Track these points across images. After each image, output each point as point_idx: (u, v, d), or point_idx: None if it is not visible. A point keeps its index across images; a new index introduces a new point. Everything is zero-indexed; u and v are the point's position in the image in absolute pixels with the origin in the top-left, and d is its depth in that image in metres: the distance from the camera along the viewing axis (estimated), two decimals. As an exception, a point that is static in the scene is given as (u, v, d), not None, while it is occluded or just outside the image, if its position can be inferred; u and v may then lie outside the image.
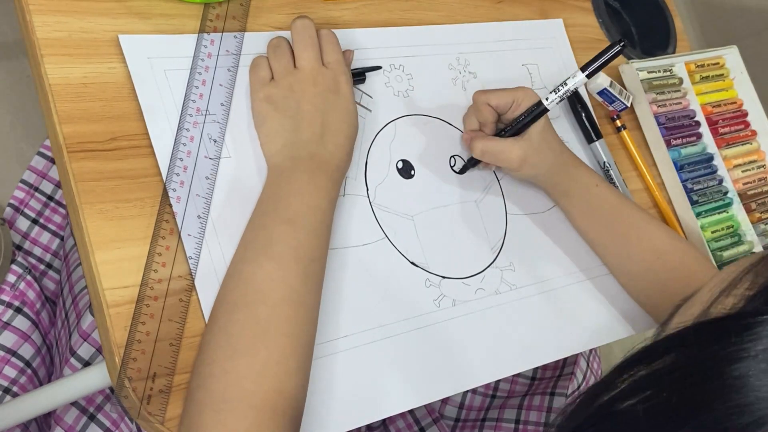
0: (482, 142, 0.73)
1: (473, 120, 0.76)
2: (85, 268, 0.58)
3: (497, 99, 0.73)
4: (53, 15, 0.61)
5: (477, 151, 0.73)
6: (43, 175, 0.94)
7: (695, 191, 0.91)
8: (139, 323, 0.57)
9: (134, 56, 0.63)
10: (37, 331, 0.86)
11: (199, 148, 0.63)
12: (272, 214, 0.61)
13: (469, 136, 0.75)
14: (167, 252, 0.59)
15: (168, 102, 0.63)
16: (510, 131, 0.74)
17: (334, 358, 0.64)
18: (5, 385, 0.81)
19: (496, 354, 0.71)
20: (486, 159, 0.74)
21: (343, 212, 0.69)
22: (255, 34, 0.69)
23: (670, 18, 1.02)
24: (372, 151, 0.73)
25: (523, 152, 0.72)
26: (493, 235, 0.76)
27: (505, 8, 0.87)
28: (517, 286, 0.75)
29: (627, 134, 0.90)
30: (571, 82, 0.71)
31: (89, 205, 0.58)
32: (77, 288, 0.83)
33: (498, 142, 0.73)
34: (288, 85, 0.65)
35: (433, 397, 0.67)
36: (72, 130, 0.59)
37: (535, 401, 0.89)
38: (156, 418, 0.56)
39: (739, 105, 0.99)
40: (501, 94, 0.73)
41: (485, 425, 0.90)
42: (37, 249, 0.93)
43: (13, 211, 0.93)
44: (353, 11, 0.76)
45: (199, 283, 0.60)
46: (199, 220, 0.61)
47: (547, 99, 0.72)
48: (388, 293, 0.68)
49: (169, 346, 0.58)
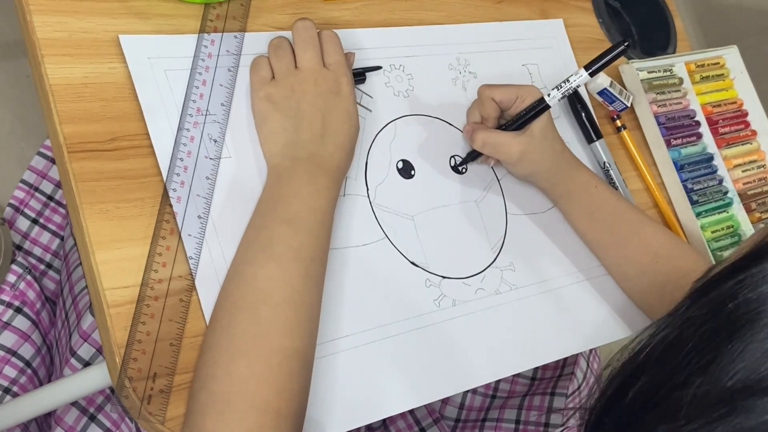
0: (483, 134, 0.73)
1: (476, 113, 0.76)
2: (86, 268, 0.58)
3: (501, 94, 0.73)
4: (53, 15, 0.61)
5: (478, 143, 0.73)
6: (43, 175, 0.94)
7: (695, 191, 0.91)
8: (139, 323, 0.57)
9: (134, 56, 0.63)
10: (37, 331, 0.86)
11: (199, 148, 0.63)
12: (272, 215, 0.61)
13: (471, 128, 0.76)
14: (167, 252, 0.59)
15: (168, 102, 0.63)
16: (512, 126, 0.74)
17: (334, 358, 0.64)
18: (5, 385, 0.82)
19: (496, 354, 0.71)
20: (486, 151, 0.74)
21: (343, 212, 0.69)
22: (255, 34, 0.69)
23: (670, 18, 1.02)
24: (372, 151, 0.73)
25: (523, 146, 0.73)
26: (494, 234, 0.76)
27: (505, 8, 0.87)
28: (517, 286, 0.75)
29: (627, 134, 0.90)
30: (573, 79, 0.71)
31: (89, 205, 0.58)
32: (77, 288, 0.83)
33: (499, 135, 0.73)
34: (289, 85, 0.65)
35: (434, 397, 0.67)
36: (72, 130, 0.59)
37: (535, 401, 0.89)
38: (156, 418, 0.56)
39: (739, 105, 0.99)
40: (505, 90, 0.74)
41: (485, 425, 0.90)
42: (37, 249, 0.93)
43: (13, 211, 0.93)
44: (353, 11, 0.76)
45: (200, 283, 0.60)
46: (200, 220, 0.61)
47: (549, 95, 0.72)
48: (388, 293, 0.68)
49: (170, 346, 0.58)
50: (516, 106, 0.74)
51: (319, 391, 0.62)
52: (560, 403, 0.88)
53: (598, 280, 0.80)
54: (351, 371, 0.64)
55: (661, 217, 0.90)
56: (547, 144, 0.74)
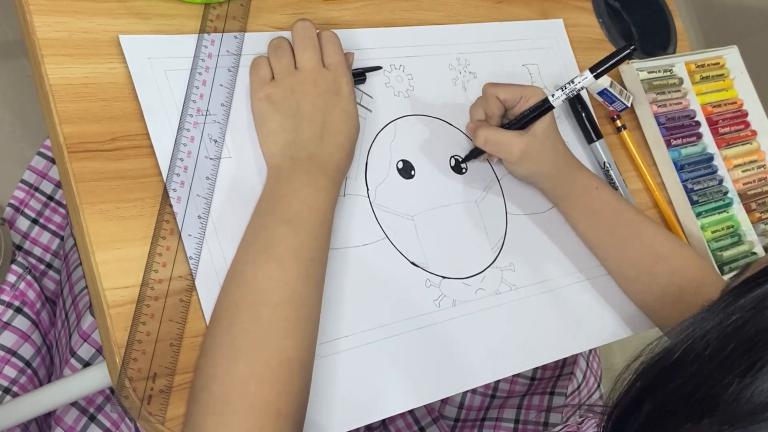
0: (486, 131, 0.73)
1: (480, 111, 0.76)
2: (86, 268, 0.58)
3: (506, 93, 0.74)
4: (54, 15, 0.61)
5: (480, 140, 0.74)
6: (43, 175, 0.94)
7: (695, 191, 0.91)
8: (139, 323, 0.57)
9: (134, 56, 0.63)
10: (37, 331, 0.86)
11: (199, 148, 0.63)
12: (272, 215, 0.61)
13: (474, 125, 0.76)
14: (168, 252, 0.59)
15: (168, 102, 0.63)
16: (515, 125, 0.74)
17: (335, 358, 0.64)
18: (5, 385, 0.81)
19: (496, 354, 0.71)
20: (488, 149, 0.74)
21: (343, 212, 0.69)
22: (255, 34, 0.69)
23: (670, 18, 1.02)
24: (372, 151, 0.73)
25: (525, 146, 0.73)
26: (494, 235, 0.76)
27: (505, 8, 0.87)
28: (517, 287, 0.75)
29: (627, 134, 0.90)
30: (578, 81, 0.71)
31: (89, 205, 0.58)
32: (77, 288, 0.83)
33: (502, 133, 0.74)
34: (288, 86, 0.65)
35: (435, 397, 0.67)
36: (72, 130, 0.59)
37: (534, 401, 0.89)
38: (156, 418, 0.56)
39: (739, 105, 0.99)
40: (510, 89, 0.74)
41: (485, 425, 0.90)
42: (37, 249, 0.93)
43: (13, 211, 0.93)
44: (353, 11, 0.76)
45: (200, 283, 0.60)
46: (200, 220, 0.61)
47: (553, 96, 0.72)
48: (388, 293, 0.68)
49: (170, 346, 0.58)
50: (520, 106, 0.74)
51: (320, 392, 0.62)
52: (560, 403, 0.88)
53: (598, 280, 0.80)
54: (351, 371, 0.64)
55: (661, 218, 0.90)
56: (549, 144, 0.74)
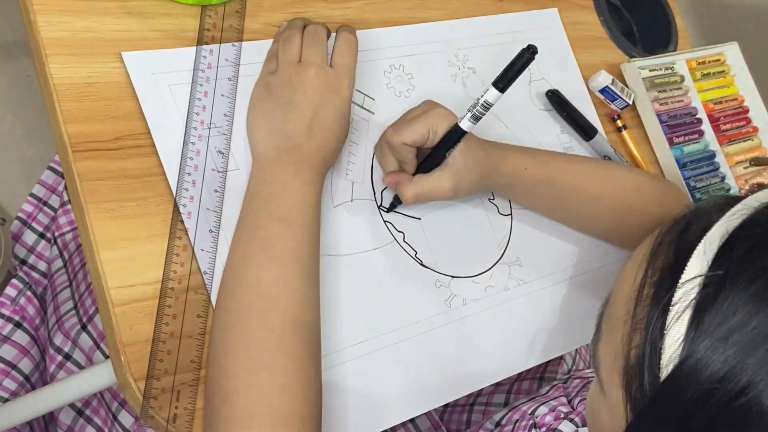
0: (411, 188, 0.68)
1: (391, 160, 0.70)
2: (91, 267, 0.58)
3: (412, 135, 0.67)
4: (57, 15, 0.61)
5: (409, 198, 0.68)
6: (52, 190, 0.92)
7: (698, 189, 0.91)
8: (159, 342, 0.57)
9: (138, 73, 0.62)
10: (36, 347, 0.85)
11: (206, 161, 0.63)
12: (266, 212, 0.61)
13: (393, 179, 0.69)
14: (182, 269, 0.59)
15: (174, 117, 0.63)
16: (435, 162, 0.69)
17: (347, 366, 0.64)
18: (6, 398, 0.81)
19: (508, 350, 0.72)
20: (421, 201, 0.69)
21: (351, 217, 0.69)
22: (253, 43, 0.69)
23: (671, 15, 1.02)
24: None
25: (453, 181, 0.68)
26: (499, 231, 0.76)
27: (506, 6, 0.87)
28: (525, 281, 0.75)
29: (628, 134, 0.90)
30: (482, 98, 0.65)
31: (94, 205, 0.58)
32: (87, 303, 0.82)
33: (426, 182, 0.68)
34: (287, 76, 0.65)
35: (449, 398, 0.68)
36: (76, 129, 0.59)
37: (524, 386, 0.89)
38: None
39: (741, 101, 0.99)
40: (415, 129, 0.67)
41: (474, 409, 0.90)
42: (41, 264, 0.92)
43: (20, 224, 0.92)
44: (355, 10, 0.76)
45: (215, 297, 0.60)
46: (211, 234, 0.61)
47: (461, 120, 0.67)
48: (399, 296, 0.68)
49: (190, 363, 0.59)
50: (431, 140, 0.68)
51: (338, 396, 0.63)
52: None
53: (604, 269, 0.81)
54: (364, 377, 0.64)
55: (663, 215, 0.90)
56: (472, 162, 0.69)
